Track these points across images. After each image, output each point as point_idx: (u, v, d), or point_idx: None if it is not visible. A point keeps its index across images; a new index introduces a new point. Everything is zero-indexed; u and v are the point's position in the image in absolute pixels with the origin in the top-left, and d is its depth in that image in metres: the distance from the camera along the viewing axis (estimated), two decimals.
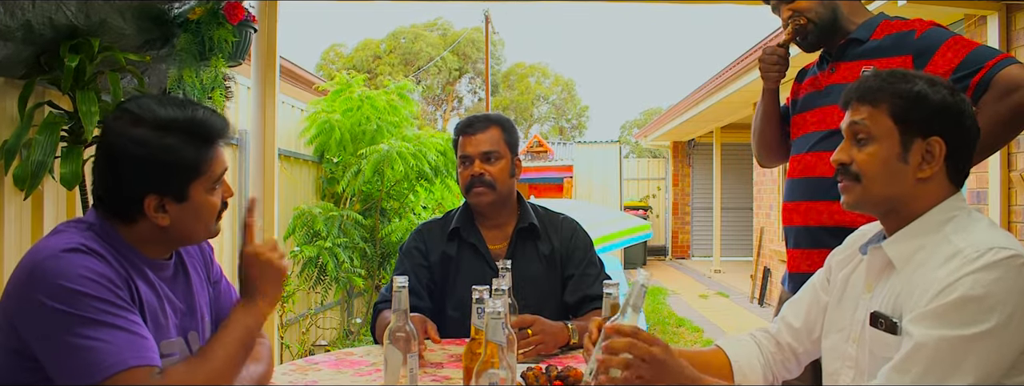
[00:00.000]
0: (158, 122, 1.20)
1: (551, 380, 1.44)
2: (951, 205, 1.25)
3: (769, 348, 1.48)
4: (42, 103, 2.11)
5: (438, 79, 25.54)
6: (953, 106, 1.24)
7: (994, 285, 1.11)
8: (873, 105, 1.26)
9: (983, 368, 1.10)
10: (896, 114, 1.24)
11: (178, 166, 1.21)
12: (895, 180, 1.25)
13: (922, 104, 1.23)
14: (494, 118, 2.06)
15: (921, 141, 1.23)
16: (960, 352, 1.10)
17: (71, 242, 1.16)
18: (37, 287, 1.11)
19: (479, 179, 1.99)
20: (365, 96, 5.19)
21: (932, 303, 1.13)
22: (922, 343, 1.12)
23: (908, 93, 1.24)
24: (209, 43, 2.48)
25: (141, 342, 1.13)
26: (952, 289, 1.12)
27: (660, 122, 12.13)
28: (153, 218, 1.22)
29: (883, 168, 1.25)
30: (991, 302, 1.10)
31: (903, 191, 1.25)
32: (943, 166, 1.24)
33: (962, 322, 1.10)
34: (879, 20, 1.88)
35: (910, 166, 1.24)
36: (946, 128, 1.23)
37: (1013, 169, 3.40)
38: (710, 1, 3.76)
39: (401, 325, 1.39)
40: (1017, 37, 3.39)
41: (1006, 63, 1.68)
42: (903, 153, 1.24)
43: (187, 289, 1.36)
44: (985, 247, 1.15)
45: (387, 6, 43.42)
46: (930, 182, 1.24)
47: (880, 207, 1.29)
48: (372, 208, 5.17)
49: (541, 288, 1.99)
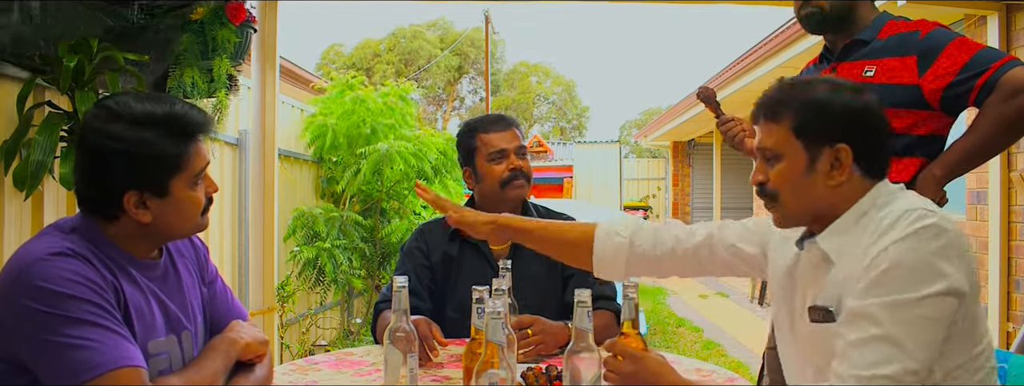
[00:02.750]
0: (135, 117, 1.20)
1: (551, 380, 1.44)
2: (873, 194, 1.24)
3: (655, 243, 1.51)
4: (41, 103, 2.11)
5: (439, 79, 25.54)
6: (856, 109, 1.23)
7: (912, 251, 1.12)
8: (776, 121, 1.25)
9: (923, 332, 1.10)
10: (797, 128, 1.23)
11: (156, 160, 1.21)
12: (807, 193, 1.25)
13: (823, 113, 1.23)
14: (511, 119, 2.11)
15: (829, 149, 1.22)
16: (895, 318, 1.10)
17: (56, 246, 1.16)
18: (22, 291, 1.11)
19: (520, 172, 2.03)
20: (358, 99, 5.11)
21: (863, 279, 1.14)
22: (858, 314, 1.12)
23: (809, 103, 1.23)
24: (212, 43, 2.48)
25: (127, 345, 1.13)
26: (878, 262, 1.13)
27: (660, 122, 12.13)
28: (134, 214, 1.22)
29: (792, 184, 1.25)
30: (914, 266, 1.11)
31: (818, 201, 1.25)
32: (854, 168, 1.23)
33: (893, 290, 1.11)
34: (884, 20, 1.88)
35: (819, 175, 1.23)
36: (851, 133, 1.22)
37: (1013, 169, 3.40)
38: (710, 1, 3.76)
39: (401, 325, 1.39)
40: (1017, 37, 3.39)
41: (1012, 65, 1.69)
42: (810, 164, 1.23)
43: (178, 289, 1.35)
44: (900, 210, 1.16)
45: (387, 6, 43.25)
46: (844, 186, 1.24)
47: (804, 219, 1.29)
48: (372, 208, 5.17)
49: (541, 288, 1.99)
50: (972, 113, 1.80)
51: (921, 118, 1.80)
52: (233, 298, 1.49)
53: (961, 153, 1.78)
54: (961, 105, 1.78)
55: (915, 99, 1.78)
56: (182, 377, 1.23)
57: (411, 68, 23.85)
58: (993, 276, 3.44)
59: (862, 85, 1.28)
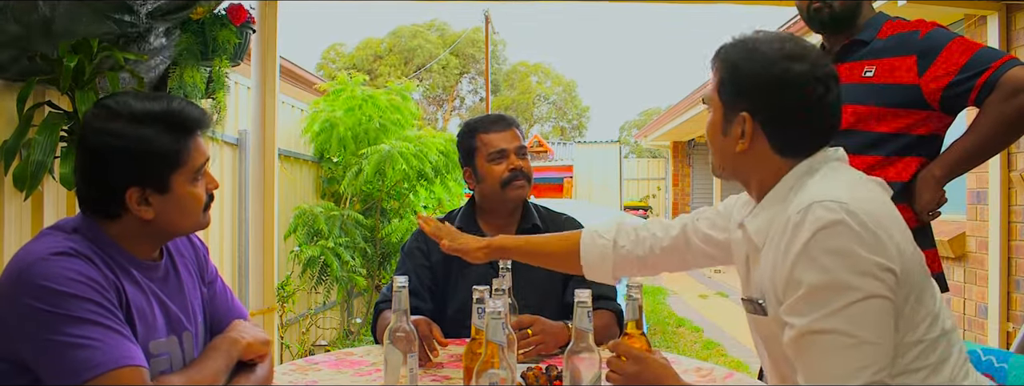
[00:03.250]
0: (134, 115, 1.21)
1: (551, 380, 1.44)
2: (796, 172, 1.19)
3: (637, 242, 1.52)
4: (41, 103, 2.11)
5: (439, 79, 25.54)
6: (764, 79, 1.16)
7: (824, 253, 1.06)
8: (713, 71, 1.24)
9: (871, 329, 1.06)
10: (718, 83, 1.22)
11: (157, 156, 1.22)
12: (721, 152, 1.25)
13: (735, 76, 1.19)
14: (511, 119, 2.11)
15: (739, 115, 1.19)
16: (842, 324, 1.05)
17: (58, 246, 1.16)
18: (24, 290, 1.11)
19: (520, 172, 2.04)
20: (367, 95, 5.18)
21: (789, 292, 1.10)
22: (805, 332, 1.07)
23: (728, 63, 1.20)
24: (212, 44, 2.48)
25: (128, 344, 1.14)
26: (797, 275, 1.08)
27: (660, 122, 12.14)
28: (136, 211, 1.23)
29: (711, 139, 1.27)
30: (832, 268, 1.06)
31: (731, 164, 1.24)
32: (764, 140, 1.19)
33: (826, 301, 1.06)
34: (882, 21, 1.88)
35: (731, 138, 1.22)
36: (757, 102, 1.17)
37: (1013, 169, 3.40)
38: (710, 1, 3.76)
39: (401, 325, 1.39)
40: (1017, 37, 3.39)
41: (1012, 64, 1.69)
42: (724, 125, 1.23)
43: (179, 290, 1.36)
44: (804, 204, 1.09)
45: (387, 6, 43.22)
46: (753, 155, 1.20)
47: (726, 175, 1.28)
48: (372, 208, 5.17)
49: (542, 288, 1.99)
50: (971, 113, 1.80)
51: (920, 118, 1.80)
52: (233, 298, 1.50)
53: (961, 153, 1.78)
54: (961, 105, 1.78)
55: (914, 99, 1.78)
56: (184, 377, 1.23)
57: (412, 68, 23.85)
58: (993, 276, 3.44)
59: (804, 52, 1.18)
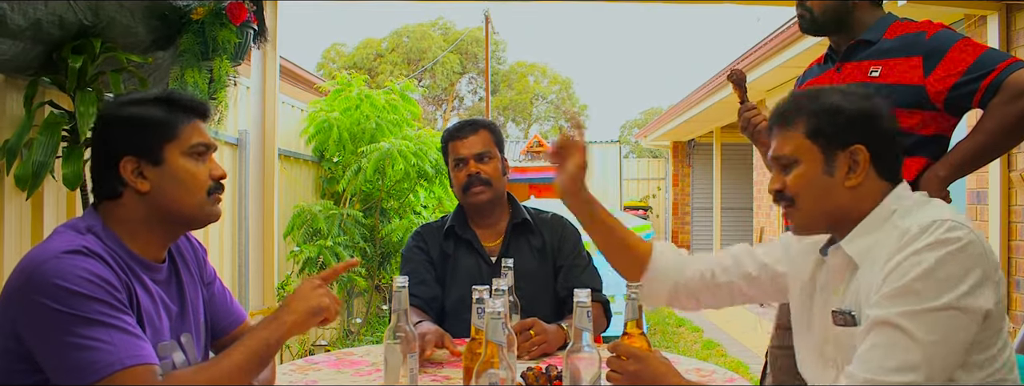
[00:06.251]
0: (133, 99, 1.32)
1: (551, 380, 1.45)
2: (895, 196, 1.27)
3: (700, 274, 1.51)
4: (43, 103, 2.11)
5: (440, 79, 25.53)
6: (867, 111, 1.27)
7: (941, 262, 1.13)
8: (791, 128, 1.29)
9: (942, 342, 1.11)
10: (810, 131, 1.27)
11: (148, 125, 1.26)
12: (827, 194, 1.27)
13: (836, 116, 1.26)
14: (481, 122, 2.14)
15: (843, 152, 1.26)
16: (918, 326, 1.11)
17: (72, 244, 1.16)
18: (36, 289, 1.12)
19: (477, 178, 2.05)
20: (364, 95, 5.17)
21: (886, 286, 1.16)
22: (881, 322, 1.13)
23: (822, 108, 1.27)
24: (212, 43, 2.48)
25: (139, 343, 1.14)
26: (903, 270, 1.14)
27: (660, 122, 12.12)
28: (132, 183, 1.25)
29: (812, 186, 1.28)
30: (941, 277, 1.13)
31: (838, 203, 1.27)
32: (871, 169, 1.26)
33: (917, 299, 1.12)
34: (889, 21, 1.88)
35: (837, 178, 1.27)
36: (865, 134, 1.26)
37: (1013, 169, 3.40)
38: (710, 1, 3.76)
39: (401, 325, 1.40)
40: (1017, 37, 3.39)
41: (1016, 67, 1.69)
42: (827, 167, 1.27)
43: (180, 291, 1.36)
44: (928, 221, 1.17)
45: (388, 6, 43.32)
46: (862, 187, 1.26)
47: (823, 223, 1.31)
48: (372, 208, 5.17)
49: (536, 281, 2.04)
50: (975, 115, 1.80)
51: (926, 118, 1.80)
52: (232, 300, 1.50)
53: (965, 154, 1.78)
54: (965, 106, 1.78)
55: (920, 99, 1.78)
56: (201, 371, 1.20)
57: (413, 67, 23.84)
58: None
59: (869, 90, 1.31)
